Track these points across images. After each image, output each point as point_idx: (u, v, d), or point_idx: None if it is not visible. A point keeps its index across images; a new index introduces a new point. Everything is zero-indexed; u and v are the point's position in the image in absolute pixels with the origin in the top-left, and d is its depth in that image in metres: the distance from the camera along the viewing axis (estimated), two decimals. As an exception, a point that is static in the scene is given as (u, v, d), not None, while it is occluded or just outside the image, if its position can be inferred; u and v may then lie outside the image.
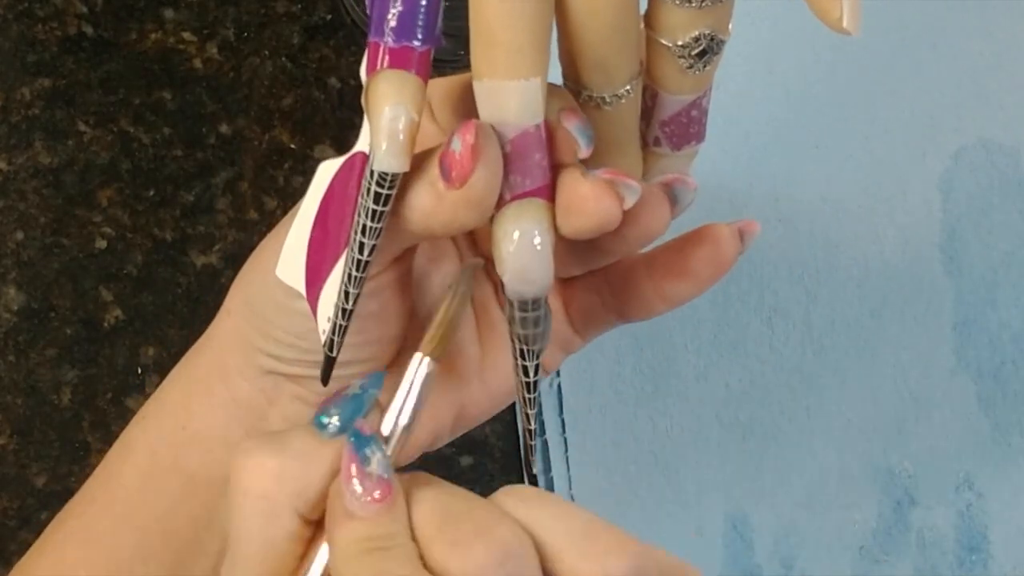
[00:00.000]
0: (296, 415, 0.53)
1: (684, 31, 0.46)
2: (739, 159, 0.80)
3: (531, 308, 0.46)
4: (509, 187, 0.45)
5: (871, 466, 0.78)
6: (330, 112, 0.76)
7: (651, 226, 0.49)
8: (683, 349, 0.78)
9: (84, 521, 0.55)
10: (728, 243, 0.51)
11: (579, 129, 0.45)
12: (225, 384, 0.53)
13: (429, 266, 0.55)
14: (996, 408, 0.79)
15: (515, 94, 0.44)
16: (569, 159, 0.46)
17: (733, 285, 0.79)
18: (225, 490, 0.47)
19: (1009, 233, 0.81)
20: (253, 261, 0.52)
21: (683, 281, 0.52)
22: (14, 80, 0.74)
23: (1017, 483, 0.79)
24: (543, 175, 0.45)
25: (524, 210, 0.45)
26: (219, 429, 0.53)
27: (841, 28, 0.43)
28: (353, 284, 0.46)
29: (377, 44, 0.43)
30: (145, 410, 0.56)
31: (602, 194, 0.45)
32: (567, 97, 0.47)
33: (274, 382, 0.53)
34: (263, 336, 0.51)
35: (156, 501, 0.53)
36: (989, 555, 0.79)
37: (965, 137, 0.82)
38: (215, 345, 0.54)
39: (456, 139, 0.43)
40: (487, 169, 0.43)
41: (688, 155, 0.52)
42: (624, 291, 0.53)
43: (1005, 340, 0.80)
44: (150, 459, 0.54)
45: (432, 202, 0.44)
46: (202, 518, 0.53)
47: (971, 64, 0.83)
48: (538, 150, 0.45)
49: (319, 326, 0.48)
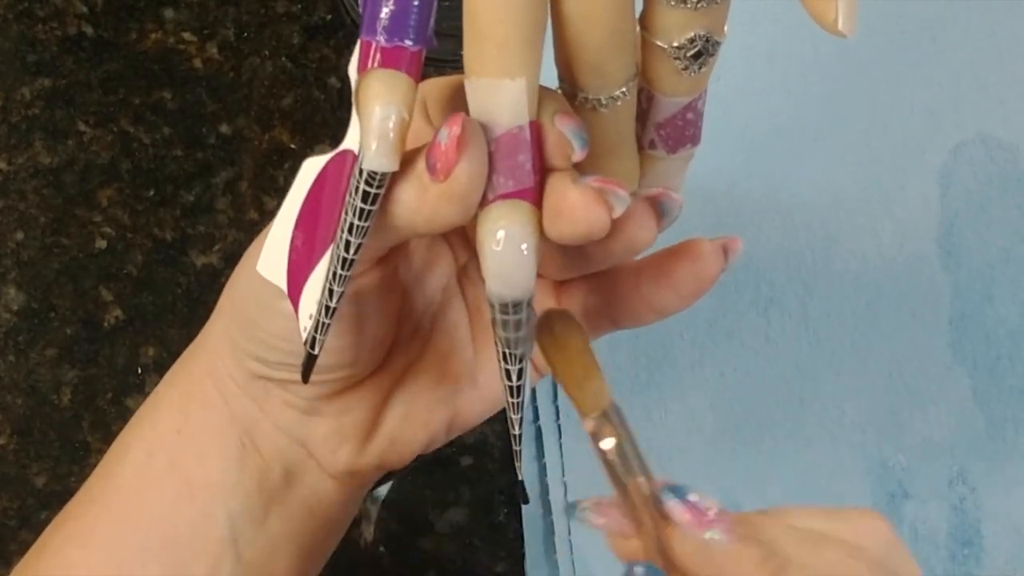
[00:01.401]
0: (287, 422, 0.53)
1: (679, 32, 0.46)
2: (737, 152, 0.80)
3: (512, 311, 0.46)
4: (492, 187, 0.45)
5: (865, 458, 0.78)
6: (330, 112, 0.76)
7: (637, 239, 0.48)
8: (678, 338, 0.78)
9: (84, 522, 0.55)
10: (710, 259, 0.51)
11: (573, 131, 0.45)
12: (217, 389, 0.53)
13: (424, 270, 0.55)
14: (991, 403, 0.80)
15: (501, 93, 0.43)
16: (562, 162, 0.45)
17: (730, 276, 0.78)
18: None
19: (1007, 229, 0.81)
20: (242, 262, 0.52)
21: (668, 293, 0.52)
22: (14, 80, 0.74)
23: (1011, 478, 0.79)
24: (527, 177, 0.45)
25: (509, 211, 0.44)
26: (213, 435, 0.54)
27: (836, 30, 0.43)
28: (338, 282, 0.45)
29: (369, 43, 0.43)
30: (142, 411, 0.56)
31: (591, 202, 0.45)
32: (561, 100, 0.46)
33: (264, 388, 0.53)
34: (247, 337, 0.51)
35: (154, 504, 0.54)
36: (982, 549, 0.79)
37: (964, 132, 0.82)
38: (208, 347, 0.54)
39: (443, 131, 0.43)
40: (471, 162, 0.43)
41: (684, 158, 0.52)
42: (614, 299, 0.53)
43: (1001, 335, 0.80)
44: (147, 461, 0.54)
45: (416, 196, 0.44)
46: (198, 522, 0.53)
47: (971, 59, 0.83)
48: (523, 151, 0.44)
49: (300, 323, 0.48)
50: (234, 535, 0.53)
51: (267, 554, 0.54)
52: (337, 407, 0.53)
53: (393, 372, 0.54)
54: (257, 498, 0.54)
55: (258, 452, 0.53)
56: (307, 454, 0.54)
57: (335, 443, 0.54)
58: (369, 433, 0.54)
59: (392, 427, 0.54)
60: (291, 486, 0.54)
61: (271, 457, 0.54)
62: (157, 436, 0.55)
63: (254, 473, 0.53)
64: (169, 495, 0.54)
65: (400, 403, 0.54)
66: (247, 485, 0.53)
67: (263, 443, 0.54)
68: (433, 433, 0.55)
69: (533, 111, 0.45)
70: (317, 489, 0.55)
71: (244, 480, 0.53)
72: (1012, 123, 0.82)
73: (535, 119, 0.45)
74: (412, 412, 0.54)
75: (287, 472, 0.54)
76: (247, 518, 0.53)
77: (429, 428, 0.54)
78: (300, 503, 0.55)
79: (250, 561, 0.54)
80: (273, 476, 0.54)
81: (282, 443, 0.54)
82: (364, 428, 0.54)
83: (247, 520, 0.53)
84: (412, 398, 0.54)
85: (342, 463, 0.54)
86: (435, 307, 0.56)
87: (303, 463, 0.54)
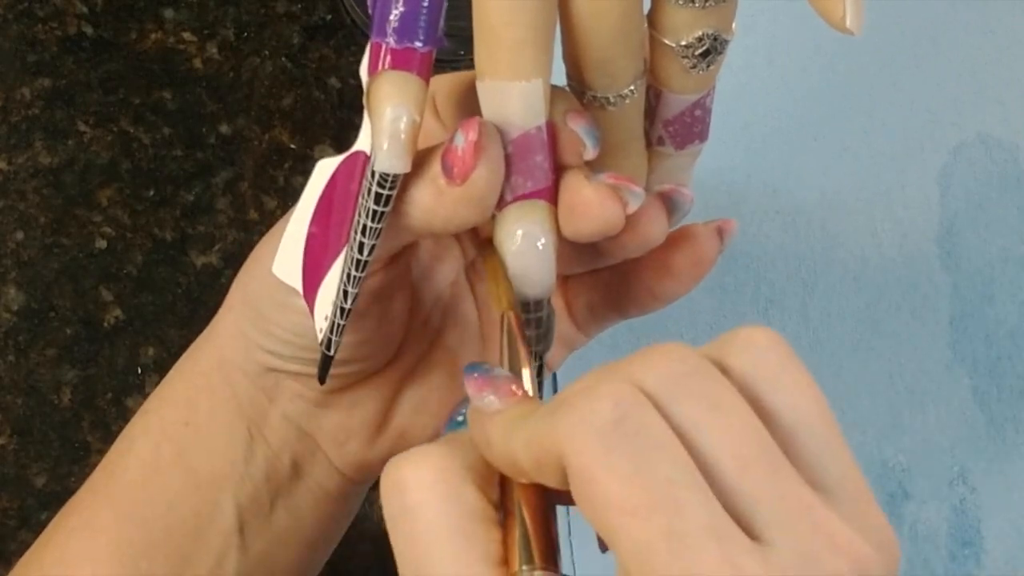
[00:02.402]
0: (297, 413, 0.53)
1: (688, 31, 0.46)
2: (738, 151, 0.80)
3: (534, 309, 0.47)
4: (510, 188, 0.45)
5: (865, 458, 0.78)
6: (330, 112, 0.76)
7: (649, 234, 0.49)
8: (679, 338, 0.78)
9: (88, 515, 0.55)
10: (706, 241, 0.52)
11: (585, 130, 0.45)
12: (226, 381, 0.53)
13: (432, 264, 0.55)
14: (991, 403, 0.80)
15: (517, 95, 0.44)
16: (575, 160, 0.46)
17: (730, 276, 0.79)
18: None
19: (1006, 229, 0.81)
20: (253, 257, 0.52)
21: (668, 279, 0.52)
22: (14, 80, 0.74)
23: (1011, 478, 0.79)
24: (545, 177, 0.45)
25: (527, 211, 0.45)
26: (221, 426, 0.54)
27: (844, 28, 0.43)
28: (352, 283, 0.46)
29: (379, 45, 0.43)
30: (148, 404, 0.56)
31: (606, 198, 0.45)
32: (572, 99, 0.47)
33: (274, 379, 0.53)
34: (261, 332, 0.51)
35: (159, 496, 0.53)
36: (982, 549, 0.79)
37: (964, 132, 0.82)
38: (216, 340, 0.54)
39: (459, 135, 0.43)
40: (489, 166, 0.44)
41: (691, 154, 0.52)
42: (619, 288, 0.54)
43: (1001, 335, 0.80)
44: (153, 453, 0.54)
45: (433, 199, 0.44)
46: (204, 514, 0.53)
47: (971, 59, 0.83)
48: (540, 152, 0.45)
49: (316, 324, 0.48)
50: (240, 527, 0.53)
51: (273, 546, 0.54)
52: (348, 400, 0.53)
53: (403, 365, 0.55)
54: (264, 490, 0.54)
55: (266, 443, 0.54)
56: (316, 446, 0.54)
57: (344, 436, 0.54)
58: (379, 426, 0.54)
59: (402, 421, 0.55)
60: (299, 478, 0.54)
61: (279, 449, 0.54)
62: (164, 429, 0.55)
63: (262, 465, 0.53)
64: (175, 486, 0.53)
65: (410, 397, 0.55)
66: (255, 477, 0.53)
67: (271, 435, 0.54)
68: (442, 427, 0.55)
69: (547, 111, 0.45)
70: (325, 482, 0.55)
71: (252, 472, 0.53)
72: (1012, 123, 0.82)
73: (549, 119, 0.45)
74: (422, 406, 0.55)
75: (295, 464, 0.54)
76: (254, 510, 0.53)
77: (439, 421, 0.54)
78: (307, 496, 0.55)
79: (256, 553, 0.54)
80: (281, 468, 0.54)
81: (291, 435, 0.54)
82: (374, 421, 0.54)
83: (254, 512, 0.53)
84: (422, 392, 0.55)
85: (351, 456, 0.54)
86: (445, 301, 0.56)
87: (311, 456, 0.54)
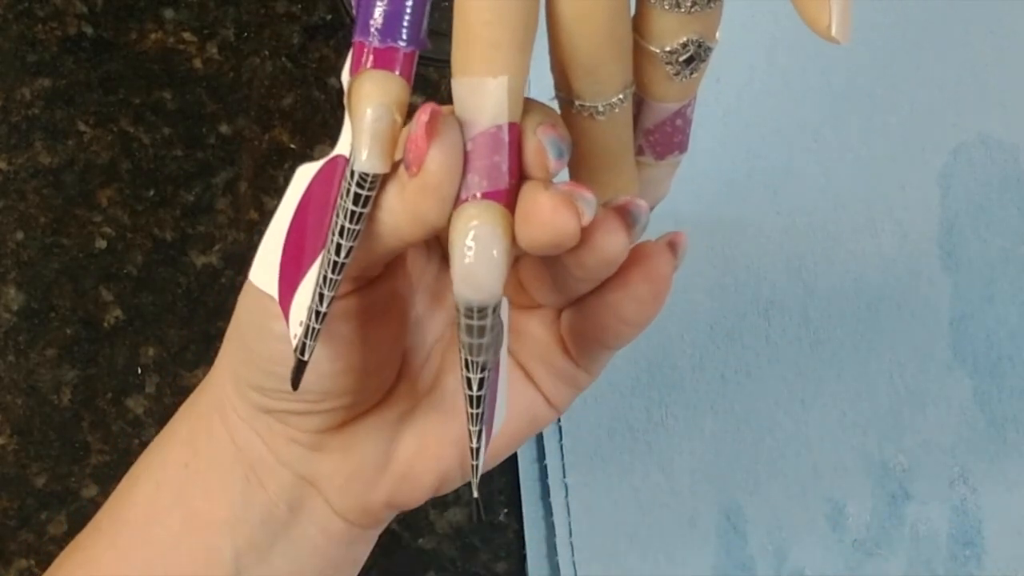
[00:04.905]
0: (293, 458, 0.53)
1: (672, 37, 0.46)
2: (738, 152, 0.80)
3: (477, 316, 0.44)
4: (466, 186, 0.44)
5: (866, 459, 0.78)
6: (330, 112, 0.76)
7: (607, 248, 0.47)
8: (679, 339, 0.78)
9: (91, 553, 0.54)
10: (657, 257, 0.50)
11: (551, 141, 0.44)
12: (224, 424, 0.53)
13: (433, 303, 0.54)
14: (992, 404, 0.80)
15: (481, 91, 0.43)
16: (539, 172, 0.44)
17: (730, 276, 0.79)
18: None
19: (1007, 229, 0.81)
20: (243, 288, 0.51)
21: (629, 301, 0.50)
22: (14, 80, 0.74)
23: (1012, 479, 0.79)
24: (502, 179, 0.44)
25: (482, 211, 0.43)
26: (219, 469, 0.53)
27: (830, 36, 0.43)
28: (328, 286, 0.45)
29: (362, 44, 0.43)
30: (154, 444, 0.56)
31: (559, 205, 0.43)
32: (551, 114, 0.45)
33: (266, 423, 0.52)
34: (245, 364, 0.51)
35: (160, 537, 0.53)
36: (983, 550, 0.79)
37: (964, 133, 0.82)
38: (215, 380, 0.54)
39: (413, 121, 0.43)
40: (443, 150, 0.42)
41: (671, 164, 0.51)
42: (594, 319, 0.52)
43: (1002, 336, 0.80)
44: (154, 493, 0.54)
45: (396, 196, 0.44)
46: (202, 557, 0.53)
47: (971, 60, 0.83)
48: (499, 152, 0.44)
49: (291, 330, 0.47)
50: (238, 570, 0.53)
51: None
52: (342, 441, 0.52)
53: (400, 407, 0.54)
54: (261, 534, 0.53)
55: (263, 488, 0.53)
56: (315, 492, 0.53)
57: (342, 479, 0.53)
58: (379, 469, 0.53)
59: (402, 464, 0.53)
60: (298, 524, 0.54)
61: (276, 494, 0.53)
62: (165, 469, 0.54)
63: (259, 509, 0.53)
64: (175, 528, 0.53)
65: (410, 439, 0.53)
66: (252, 521, 0.53)
67: (268, 479, 0.53)
68: (445, 471, 0.54)
69: (516, 114, 0.44)
70: (325, 528, 0.54)
71: (249, 516, 0.53)
72: (1012, 124, 0.82)
73: (517, 123, 0.44)
74: (423, 449, 0.53)
75: (293, 509, 0.53)
76: (252, 554, 0.53)
77: (441, 465, 0.53)
78: (307, 541, 0.54)
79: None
80: (278, 513, 0.53)
81: (288, 480, 0.53)
82: (373, 464, 0.53)
83: (252, 556, 0.53)
84: (422, 434, 0.53)
85: (351, 501, 0.54)
86: (445, 343, 0.55)
87: (310, 501, 0.54)
